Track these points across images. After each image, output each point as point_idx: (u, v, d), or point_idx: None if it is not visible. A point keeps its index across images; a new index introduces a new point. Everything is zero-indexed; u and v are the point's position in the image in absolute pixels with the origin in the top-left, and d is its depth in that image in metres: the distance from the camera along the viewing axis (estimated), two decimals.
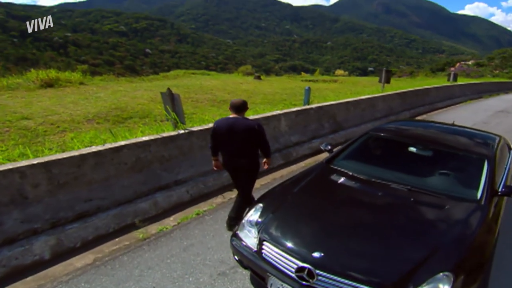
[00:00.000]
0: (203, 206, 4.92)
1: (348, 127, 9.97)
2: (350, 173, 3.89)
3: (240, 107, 4.16)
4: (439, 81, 25.53)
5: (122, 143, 4.69)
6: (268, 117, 7.13)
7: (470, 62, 60.24)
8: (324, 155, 8.13)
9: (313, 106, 8.85)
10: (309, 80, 22.67)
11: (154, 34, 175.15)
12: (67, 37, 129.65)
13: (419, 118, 13.65)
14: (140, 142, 4.83)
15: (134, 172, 4.76)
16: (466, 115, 13.94)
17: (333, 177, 3.87)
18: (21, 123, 6.51)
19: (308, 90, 10.41)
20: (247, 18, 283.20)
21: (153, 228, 4.27)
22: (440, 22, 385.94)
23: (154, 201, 4.73)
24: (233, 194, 5.35)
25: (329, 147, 4.64)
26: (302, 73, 43.87)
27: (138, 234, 4.16)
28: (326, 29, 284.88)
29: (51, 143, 5.63)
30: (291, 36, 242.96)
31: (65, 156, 4.08)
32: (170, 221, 4.49)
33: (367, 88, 18.35)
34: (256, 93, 12.74)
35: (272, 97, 11.93)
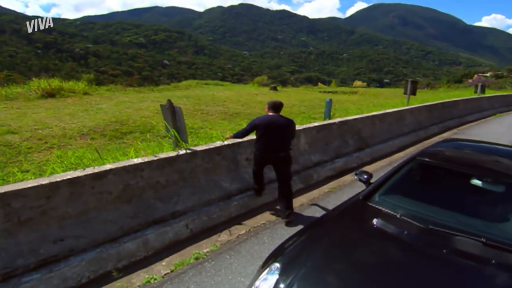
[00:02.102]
0: (204, 246, 3.97)
1: (374, 144, 8.94)
2: (398, 215, 2.89)
3: (279, 107, 4.80)
4: (464, 93, 24.24)
5: (107, 167, 3.81)
6: None
7: (488, 74, 58.57)
8: (350, 178, 7.20)
9: (336, 120, 7.87)
10: (328, 92, 21.68)
11: (172, 46, 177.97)
12: (88, 48, 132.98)
13: (450, 133, 12.50)
14: (130, 165, 3.94)
15: (120, 202, 3.86)
16: (502, 130, 12.72)
17: (375, 222, 2.88)
18: (4, 138, 5.73)
19: (330, 103, 9.47)
20: (264, 30, 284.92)
21: (138, 279, 3.33)
22: (457, 34, 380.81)
23: (144, 239, 3.80)
24: (241, 229, 4.40)
25: (366, 176, 3.67)
26: (319, 84, 42.90)
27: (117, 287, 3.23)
28: (342, 41, 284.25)
29: (31, 163, 4.80)
30: (307, 48, 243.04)
31: (30, 186, 3.21)
32: (161, 268, 3.55)
33: (390, 100, 17.29)
34: None
35: (290, 110, 11.00)
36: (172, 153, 4.43)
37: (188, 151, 4.56)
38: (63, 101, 9.36)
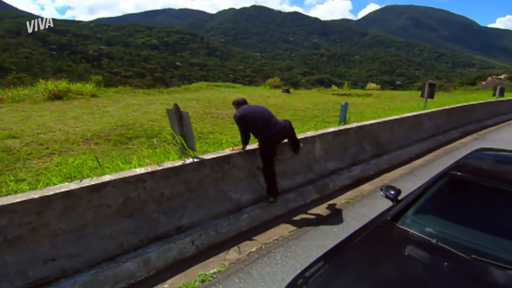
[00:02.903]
0: (211, 266, 3.60)
1: (392, 150, 8.49)
2: (433, 241, 2.49)
3: (244, 101, 4.92)
4: (481, 96, 23.50)
5: (106, 178, 3.47)
6: (300, 140, 5.79)
7: (502, 76, 57.29)
8: (368, 187, 6.78)
9: (352, 125, 7.45)
10: (341, 94, 21.20)
11: (184, 48, 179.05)
12: (102, 49, 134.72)
13: (470, 138, 11.95)
14: (131, 177, 3.60)
15: (120, 217, 3.52)
16: None
17: (408, 250, 2.47)
18: (4, 142, 5.46)
19: (345, 106, 9.03)
20: (275, 32, 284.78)
21: None
22: (470, 36, 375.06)
23: (145, 258, 3.45)
24: (252, 246, 4.03)
25: (393, 192, 3.28)
26: (333, 86, 42.29)
27: None
28: (354, 43, 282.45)
29: (29, 171, 4.50)
30: (319, 50, 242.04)
31: (19, 200, 2.89)
32: None
33: (406, 103, 16.75)
34: (285, 108, 11.42)
35: (303, 113, 10.59)
36: (178, 162, 4.08)
37: (195, 159, 4.21)
38: (70, 103, 9.11)
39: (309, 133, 6.25)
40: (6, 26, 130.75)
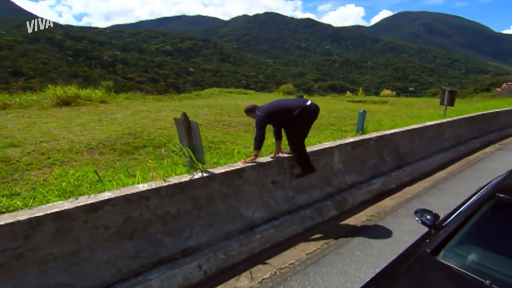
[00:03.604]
0: None
1: (414, 161, 8.01)
2: (486, 283, 2.06)
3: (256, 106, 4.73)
4: (501, 104, 22.72)
5: (105, 195, 3.12)
6: (317, 151, 5.39)
7: None
8: (390, 203, 6.32)
9: (372, 135, 7.01)
10: (357, 101, 20.68)
11: (197, 54, 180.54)
12: (116, 55, 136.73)
13: (493, 148, 11.36)
14: (133, 194, 3.24)
15: (120, 239, 3.16)
16: None
17: None
18: (4, 152, 5.17)
19: (363, 114, 8.59)
20: (288, 38, 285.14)
21: None
22: (484, 42, 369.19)
23: (146, 286, 3.07)
24: (265, 271, 3.62)
25: (430, 217, 2.84)
26: (347, 92, 41.69)
27: None
28: (366, 49, 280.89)
29: (26, 183, 4.19)
30: (331, 56, 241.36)
31: (3, 223, 2.55)
32: None
33: (424, 111, 16.17)
34: None
35: (318, 121, 10.13)
36: (186, 177, 3.71)
37: (204, 174, 3.83)
38: (78, 109, 8.86)
39: (327, 144, 5.84)
40: (25, 32, 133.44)
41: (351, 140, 6.30)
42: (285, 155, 4.89)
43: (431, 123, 9.54)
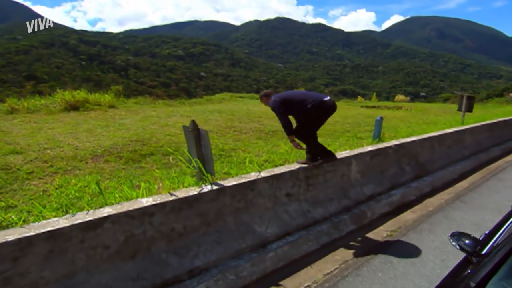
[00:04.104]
0: None
1: (434, 170, 7.61)
2: None
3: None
4: None
5: (105, 211, 2.85)
6: (334, 161, 5.06)
7: None
8: (411, 216, 5.93)
9: (391, 143, 6.65)
10: (370, 107, 20.26)
11: (209, 58, 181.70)
12: (129, 60, 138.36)
13: None
14: (136, 210, 2.96)
15: (120, 260, 2.88)
16: None
17: None
18: (6, 159, 4.96)
19: (380, 121, 8.23)
20: (299, 43, 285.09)
21: None
22: (497, 46, 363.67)
23: None
24: None
25: (468, 242, 2.49)
26: (359, 97, 41.14)
27: None
28: (377, 54, 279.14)
29: (24, 194, 3.95)
30: (342, 61, 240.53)
31: None
32: None
33: (440, 117, 15.71)
34: None
35: (332, 127, 9.81)
36: (194, 191, 3.42)
37: (214, 187, 3.53)
38: (86, 114, 8.69)
39: (344, 153, 5.50)
40: (41, 37, 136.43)
41: (370, 148, 5.96)
42: (301, 165, 4.58)
43: (451, 130, 9.14)
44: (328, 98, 4.46)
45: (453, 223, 5.24)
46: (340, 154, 5.39)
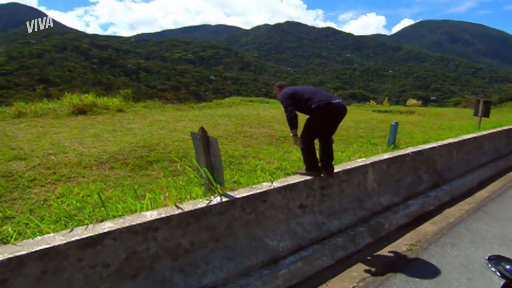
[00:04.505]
0: None
1: (452, 178, 7.28)
2: None
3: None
4: None
5: (106, 226, 2.63)
6: (350, 170, 4.80)
7: None
8: (431, 228, 5.61)
9: (408, 150, 6.36)
10: (383, 111, 19.88)
11: (219, 62, 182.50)
12: (140, 64, 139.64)
13: None
14: (140, 224, 2.73)
15: (121, 279, 2.65)
16: None
17: None
18: (8, 165, 4.79)
19: (395, 127, 7.93)
20: (309, 47, 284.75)
21: None
22: (508, 50, 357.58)
23: None
24: None
25: (510, 267, 2.21)
26: (371, 101, 40.65)
27: None
28: (387, 58, 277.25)
29: (24, 203, 3.75)
30: (352, 65, 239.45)
31: None
32: None
33: (455, 122, 15.31)
34: None
35: (346, 133, 9.51)
36: (202, 203, 3.18)
37: (223, 198, 3.30)
38: (93, 119, 8.53)
39: (360, 161, 5.23)
40: (54, 42, 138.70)
41: (386, 156, 5.67)
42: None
43: (469, 136, 8.79)
44: (337, 100, 4.16)
45: (477, 236, 4.92)
46: (356, 162, 5.12)
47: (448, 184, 6.96)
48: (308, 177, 4.19)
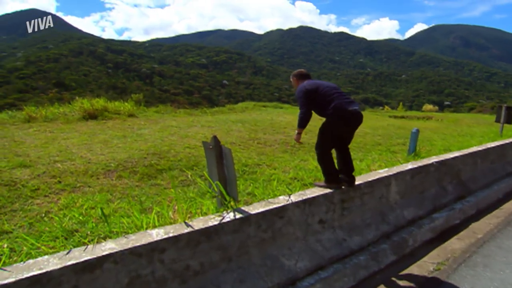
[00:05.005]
0: None
1: (477, 189, 6.86)
2: None
3: (309, 75, 4.31)
4: None
5: (107, 248, 2.37)
6: (372, 182, 4.47)
7: None
8: (459, 245, 5.22)
9: (432, 160, 5.99)
10: (399, 117, 19.39)
11: (232, 67, 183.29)
12: (154, 68, 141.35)
13: None
14: (144, 246, 2.46)
15: None
16: None
17: None
18: (12, 173, 4.59)
19: (416, 134, 7.56)
20: (321, 52, 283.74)
21: None
22: None
23: None
24: None
25: None
26: (386, 107, 40.02)
27: None
28: (400, 63, 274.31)
29: (25, 215, 3.54)
30: (365, 69, 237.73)
31: None
32: None
33: (474, 128, 14.76)
34: None
35: (363, 140, 9.14)
36: (213, 220, 2.90)
37: (237, 215, 3.01)
38: (103, 124, 8.36)
39: (383, 172, 4.89)
40: (70, 46, 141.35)
41: (410, 167, 5.32)
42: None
43: (495, 144, 8.35)
44: (354, 107, 3.83)
45: (510, 255, 4.53)
46: (378, 173, 4.79)
47: (474, 196, 6.56)
48: (327, 190, 3.88)
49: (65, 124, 8.12)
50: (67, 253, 2.30)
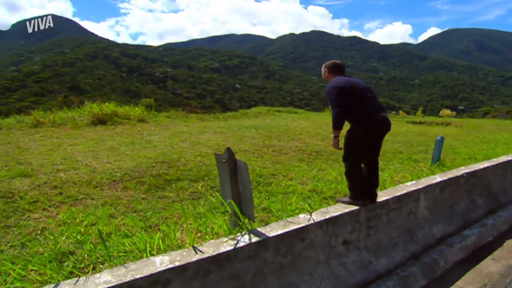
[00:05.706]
0: None
1: (508, 202, 6.39)
2: None
3: (344, 68, 3.86)
4: None
5: (101, 282, 2.01)
6: (400, 197, 4.05)
7: None
8: (495, 267, 4.74)
9: (461, 171, 5.54)
10: (418, 123, 18.78)
11: (244, 71, 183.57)
12: (167, 72, 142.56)
13: None
14: (146, 278, 2.10)
15: None
16: None
17: None
18: (10, 184, 4.30)
19: (441, 142, 7.10)
20: (334, 56, 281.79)
21: None
22: None
23: None
24: None
25: None
26: (401, 112, 39.22)
27: None
28: (413, 67, 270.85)
29: (19, 233, 3.23)
30: (377, 74, 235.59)
31: None
32: None
33: (497, 135, 14.14)
34: None
35: (382, 147, 8.66)
36: (226, 244, 2.53)
37: (253, 238, 2.64)
38: (112, 129, 8.08)
39: (410, 185, 4.47)
40: (86, 50, 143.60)
41: (439, 179, 4.88)
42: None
43: None
44: (383, 114, 3.55)
45: None
46: (406, 187, 4.36)
47: (505, 210, 6.08)
48: (353, 207, 3.49)
49: (72, 129, 7.87)
50: (56, 285, 1.96)
